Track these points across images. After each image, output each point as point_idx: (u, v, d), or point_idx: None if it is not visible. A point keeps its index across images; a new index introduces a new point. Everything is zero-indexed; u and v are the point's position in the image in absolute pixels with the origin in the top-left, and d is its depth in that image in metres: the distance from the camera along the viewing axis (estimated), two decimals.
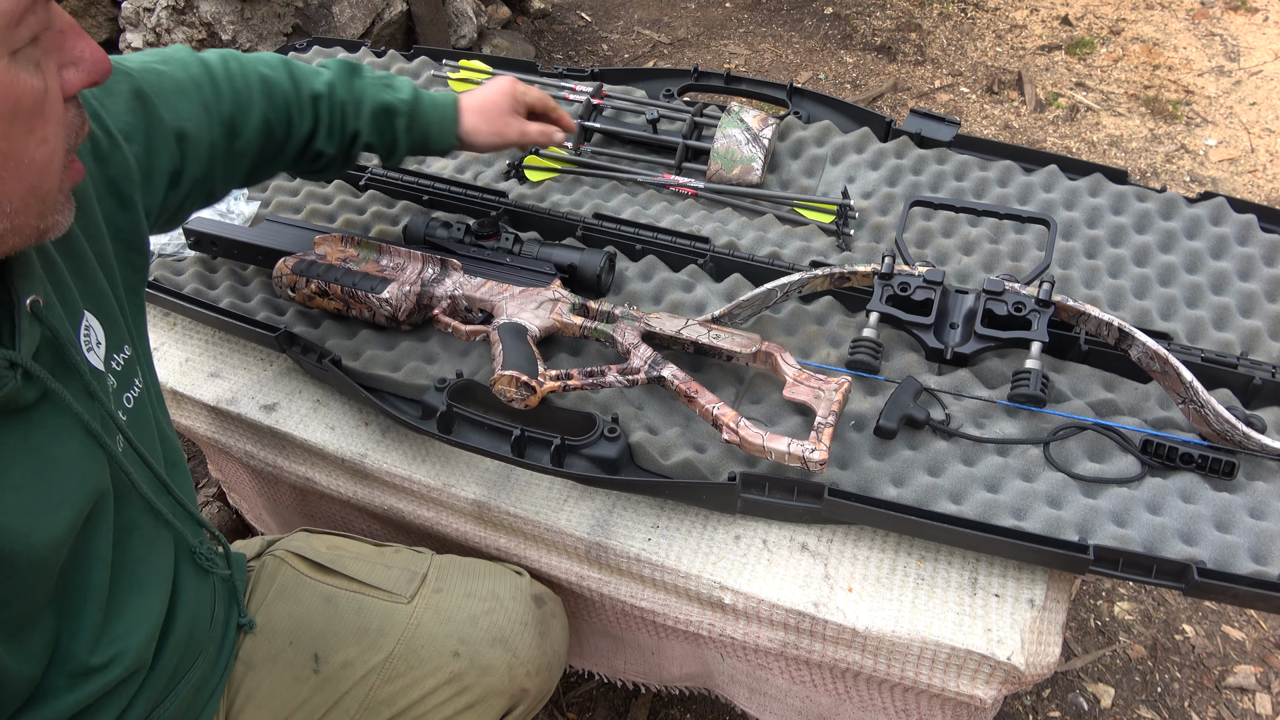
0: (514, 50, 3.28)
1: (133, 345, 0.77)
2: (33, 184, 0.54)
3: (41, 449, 0.61)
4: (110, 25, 2.91)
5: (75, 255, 0.71)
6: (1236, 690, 1.58)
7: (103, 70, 0.57)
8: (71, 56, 0.56)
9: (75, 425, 0.64)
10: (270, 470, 1.17)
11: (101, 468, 0.67)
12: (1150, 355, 0.94)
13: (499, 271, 1.14)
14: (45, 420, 0.62)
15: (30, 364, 0.59)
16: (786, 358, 0.98)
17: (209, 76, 0.92)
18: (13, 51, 0.50)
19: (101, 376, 0.70)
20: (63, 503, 0.62)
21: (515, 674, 0.94)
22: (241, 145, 0.95)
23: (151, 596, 0.74)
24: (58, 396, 0.62)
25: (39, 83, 0.52)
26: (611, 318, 1.05)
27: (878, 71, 3.24)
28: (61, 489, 0.63)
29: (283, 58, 1.02)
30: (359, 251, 1.14)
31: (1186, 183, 2.70)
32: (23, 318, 0.60)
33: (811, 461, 0.87)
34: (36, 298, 0.61)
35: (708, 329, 1.03)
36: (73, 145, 0.58)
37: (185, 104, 0.88)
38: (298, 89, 1.00)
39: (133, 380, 0.75)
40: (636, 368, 0.99)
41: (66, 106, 0.56)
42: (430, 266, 1.12)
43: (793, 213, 1.26)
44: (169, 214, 0.90)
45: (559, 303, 1.07)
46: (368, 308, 1.10)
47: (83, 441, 0.65)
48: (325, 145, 1.04)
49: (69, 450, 0.63)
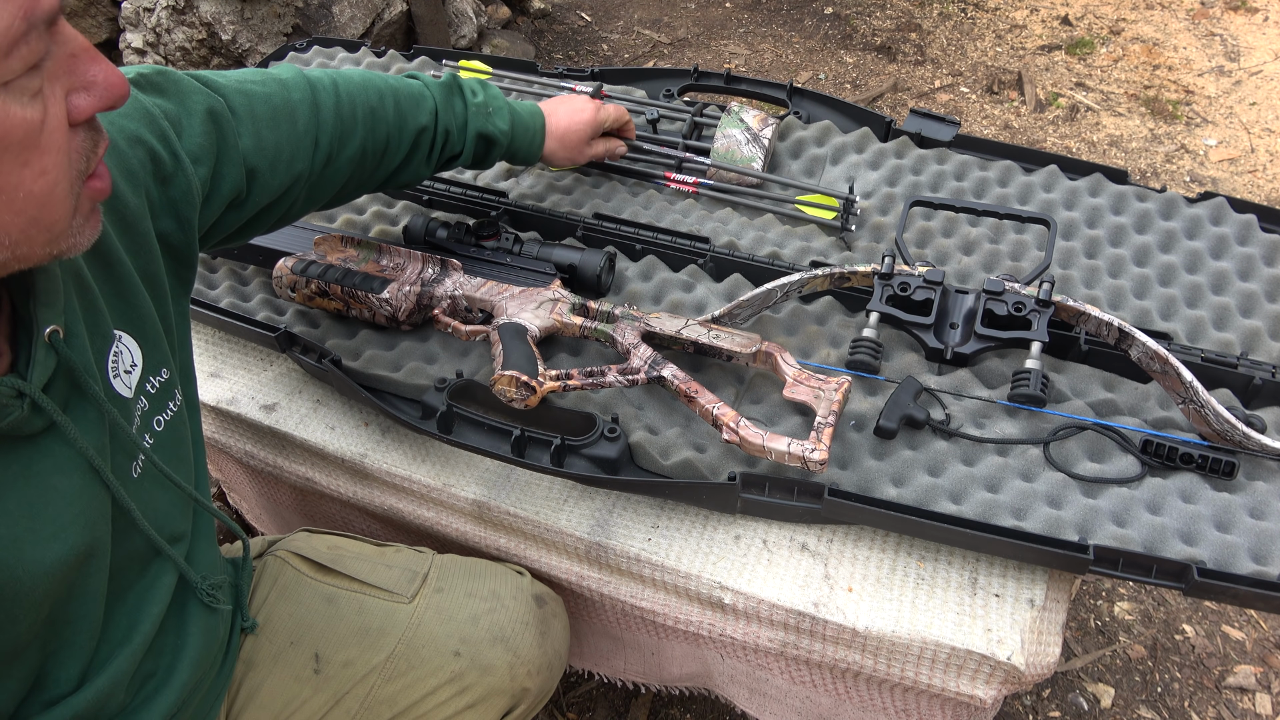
0: (514, 50, 3.28)
1: (172, 366, 0.75)
2: (33, 216, 0.52)
3: (41, 479, 0.60)
4: (110, 25, 2.91)
5: (116, 277, 0.70)
6: (1236, 690, 1.58)
7: (117, 95, 0.55)
8: (83, 81, 0.53)
9: (80, 458, 0.63)
10: (270, 470, 1.17)
11: (103, 503, 0.66)
12: (1150, 355, 0.94)
13: (499, 271, 1.13)
14: (50, 450, 0.61)
15: (38, 395, 0.58)
16: (786, 358, 0.98)
17: (313, 102, 0.91)
18: (3, 83, 0.47)
19: (126, 404, 0.69)
20: (55, 536, 0.61)
21: (516, 673, 0.94)
22: (331, 173, 0.95)
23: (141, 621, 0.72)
24: (64, 429, 0.61)
25: (34, 114, 0.49)
26: (611, 318, 1.05)
27: (878, 71, 3.24)
28: (56, 521, 0.61)
29: (390, 82, 1.00)
30: (359, 252, 1.14)
31: (1186, 183, 2.70)
32: (39, 347, 0.59)
33: (811, 461, 0.87)
34: (56, 328, 0.60)
35: (708, 329, 1.03)
36: (84, 170, 0.55)
37: (273, 130, 0.86)
38: (403, 123, 1.00)
39: (167, 403, 0.74)
40: (636, 368, 0.99)
41: (74, 132, 0.53)
42: (430, 266, 1.12)
43: (795, 209, 1.26)
44: (228, 233, 0.89)
45: (559, 303, 1.07)
46: (367, 308, 1.10)
47: (84, 475, 0.64)
48: (420, 169, 1.06)
49: (70, 483, 0.62)
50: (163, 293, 0.75)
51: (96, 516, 0.65)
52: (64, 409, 0.62)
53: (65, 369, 0.62)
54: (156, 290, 0.75)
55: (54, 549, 0.61)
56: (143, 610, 0.73)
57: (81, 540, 0.63)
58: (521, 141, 1.13)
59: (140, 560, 0.73)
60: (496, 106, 1.10)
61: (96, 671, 0.69)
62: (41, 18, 0.48)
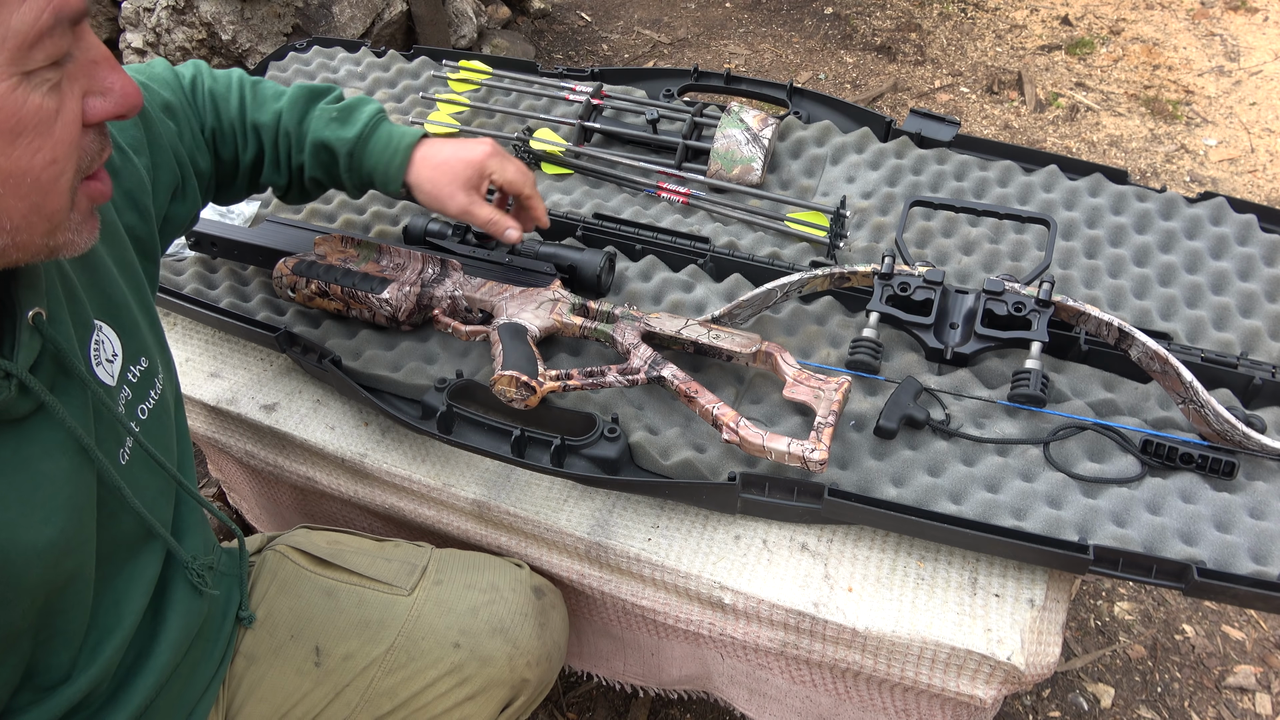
0: (514, 50, 3.28)
1: (152, 355, 0.76)
2: (36, 203, 0.54)
3: (30, 463, 0.61)
4: (110, 25, 2.91)
5: (92, 266, 0.71)
6: (1236, 690, 1.58)
7: (132, 104, 0.58)
8: (101, 86, 0.56)
9: (69, 441, 0.63)
10: (270, 470, 1.17)
11: (92, 486, 0.66)
12: (1150, 355, 0.94)
13: (499, 272, 1.14)
14: (38, 434, 0.62)
15: (25, 375, 0.59)
16: (786, 357, 0.98)
17: (186, 92, 0.94)
18: (26, 72, 0.50)
19: (111, 391, 0.70)
20: (47, 520, 0.61)
21: (516, 664, 0.94)
22: (203, 164, 0.96)
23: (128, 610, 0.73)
24: (53, 410, 0.61)
25: (52, 104, 0.52)
26: (611, 318, 1.05)
27: (878, 71, 3.24)
28: (48, 505, 0.62)
29: (251, 80, 1.01)
30: (359, 251, 1.14)
31: (1186, 183, 2.70)
32: (23, 329, 0.60)
33: (811, 461, 0.87)
34: (39, 310, 0.61)
35: (707, 329, 1.03)
36: (87, 169, 0.58)
37: (171, 120, 0.90)
38: (243, 114, 0.99)
39: (149, 392, 0.75)
40: (636, 368, 0.99)
41: (86, 132, 0.56)
42: (430, 266, 1.12)
43: (786, 225, 1.23)
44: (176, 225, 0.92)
45: (559, 303, 1.07)
46: (367, 308, 1.10)
47: (74, 458, 0.64)
48: (274, 176, 1.03)
49: (59, 466, 0.63)
50: (138, 281, 0.77)
51: (85, 501, 0.66)
52: (50, 391, 0.62)
53: (50, 351, 0.63)
54: (131, 279, 0.76)
55: (45, 533, 0.61)
56: (130, 596, 0.73)
57: (72, 525, 0.64)
58: (376, 160, 1.01)
59: (129, 545, 0.73)
60: (357, 115, 1.01)
61: (87, 659, 0.69)
62: (69, 15, 0.51)
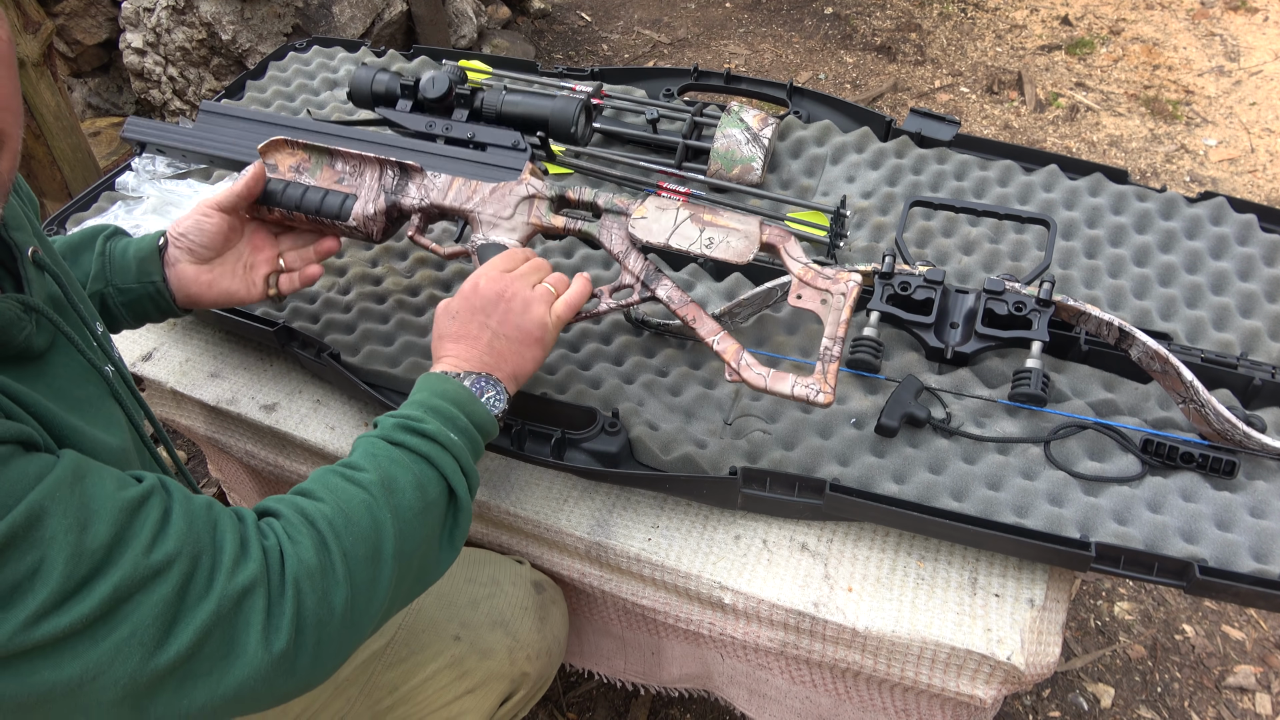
0: (514, 50, 3.28)
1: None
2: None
3: (65, 392, 0.62)
4: (110, 25, 2.91)
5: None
6: (1236, 690, 1.58)
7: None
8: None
9: (89, 369, 0.65)
10: (270, 470, 1.17)
11: (119, 413, 0.68)
12: (1150, 355, 0.94)
13: (462, 166, 1.03)
14: (59, 367, 0.63)
15: (44, 307, 0.60)
16: (791, 248, 0.89)
17: None
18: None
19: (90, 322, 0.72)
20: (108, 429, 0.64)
21: (515, 658, 0.94)
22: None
23: None
24: (68, 340, 0.63)
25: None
26: (596, 212, 0.97)
27: (878, 71, 3.24)
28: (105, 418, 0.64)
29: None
30: (310, 156, 1.04)
31: (1186, 183, 2.70)
32: (27, 266, 0.61)
33: (817, 404, 0.83)
34: (35, 248, 0.62)
35: (700, 227, 0.92)
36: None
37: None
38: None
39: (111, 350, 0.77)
40: (629, 284, 0.92)
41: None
42: (388, 171, 1.02)
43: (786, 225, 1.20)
44: None
45: (535, 200, 0.99)
46: (337, 231, 1.03)
47: (98, 385, 0.66)
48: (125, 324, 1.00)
49: (89, 392, 0.64)
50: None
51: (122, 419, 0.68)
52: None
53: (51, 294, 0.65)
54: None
55: (113, 440, 0.63)
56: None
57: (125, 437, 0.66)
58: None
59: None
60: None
61: None
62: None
